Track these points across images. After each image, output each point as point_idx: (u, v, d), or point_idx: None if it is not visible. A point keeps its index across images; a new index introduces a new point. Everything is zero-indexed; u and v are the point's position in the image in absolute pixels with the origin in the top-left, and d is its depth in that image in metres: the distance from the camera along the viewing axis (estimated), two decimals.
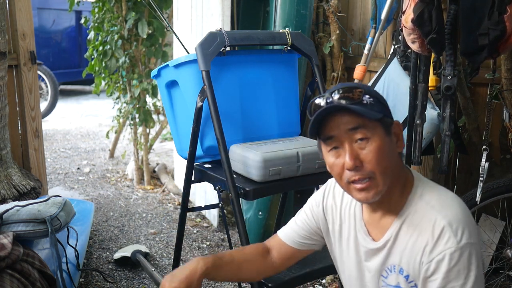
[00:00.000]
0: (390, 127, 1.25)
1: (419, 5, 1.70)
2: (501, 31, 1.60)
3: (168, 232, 3.32)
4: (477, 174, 1.99)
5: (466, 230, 1.17)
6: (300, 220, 1.51)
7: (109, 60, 3.91)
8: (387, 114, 1.25)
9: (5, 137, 2.78)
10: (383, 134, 1.22)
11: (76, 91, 9.28)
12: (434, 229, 1.18)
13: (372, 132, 1.20)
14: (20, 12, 3.01)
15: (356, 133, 1.20)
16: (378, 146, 1.20)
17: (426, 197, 1.24)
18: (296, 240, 1.50)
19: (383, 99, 1.27)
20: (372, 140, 1.20)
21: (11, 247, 1.81)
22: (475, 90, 2.53)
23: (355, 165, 1.20)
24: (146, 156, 4.17)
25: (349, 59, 3.06)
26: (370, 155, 1.20)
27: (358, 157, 1.20)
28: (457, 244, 1.16)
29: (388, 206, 1.28)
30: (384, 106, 1.25)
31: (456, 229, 1.17)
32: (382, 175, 1.21)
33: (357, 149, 1.21)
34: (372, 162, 1.20)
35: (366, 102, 1.21)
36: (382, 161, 1.21)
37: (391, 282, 1.29)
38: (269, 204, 2.91)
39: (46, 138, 5.56)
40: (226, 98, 2.00)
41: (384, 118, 1.23)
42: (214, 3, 3.01)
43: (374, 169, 1.20)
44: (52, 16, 7.90)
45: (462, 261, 1.15)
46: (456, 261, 1.15)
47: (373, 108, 1.21)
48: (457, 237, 1.16)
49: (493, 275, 2.48)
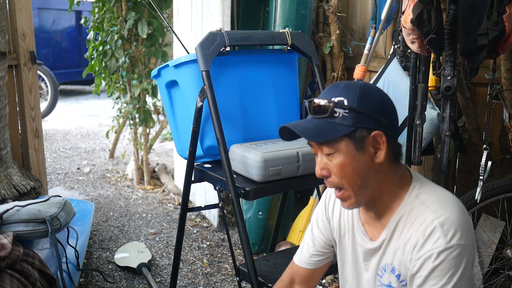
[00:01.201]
0: (365, 139, 1.21)
1: (418, 6, 1.70)
2: (500, 31, 1.60)
3: (168, 232, 3.32)
4: (477, 174, 1.99)
5: (458, 232, 1.17)
6: (310, 240, 1.52)
7: (109, 60, 3.91)
8: (362, 125, 1.20)
9: (5, 137, 2.78)
10: (350, 149, 1.21)
11: (76, 91, 9.28)
12: (426, 228, 1.20)
13: (336, 148, 1.22)
14: (20, 12, 3.01)
15: (323, 147, 1.24)
16: (340, 162, 1.22)
17: (422, 196, 1.25)
18: (310, 261, 1.52)
19: (370, 106, 1.21)
20: (336, 155, 1.23)
21: (11, 247, 1.80)
22: (475, 90, 2.53)
23: (321, 175, 1.26)
24: (146, 156, 4.17)
25: (349, 59, 3.06)
26: (334, 169, 1.24)
27: (326, 167, 1.25)
28: (445, 244, 1.16)
29: (382, 206, 1.29)
30: (363, 114, 1.20)
31: (448, 230, 1.17)
32: (350, 187, 1.24)
33: (327, 161, 1.25)
34: (337, 175, 1.24)
35: (338, 114, 1.21)
36: (348, 175, 1.23)
37: (385, 281, 1.30)
38: (269, 204, 2.91)
39: (46, 138, 5.56)
40: (226, 98, 2.00)
41: (355, 131, 1.20)
42: (214, 3, 3.01)
43: (341, 181, 1.24)
44: (52, 16, 7.90)
45: (449, 261, 1.16)
46: (442, 260, 1.16)
47: (343, 121, 1.20)
48: (447, 237, 1.17)
49: (493, 275, 2.48)
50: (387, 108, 1.25)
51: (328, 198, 1.48)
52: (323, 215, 1.48)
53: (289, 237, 2.92)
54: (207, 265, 2.88)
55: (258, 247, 3.00)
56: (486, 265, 2.47)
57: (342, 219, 1.42)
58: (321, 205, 1.50)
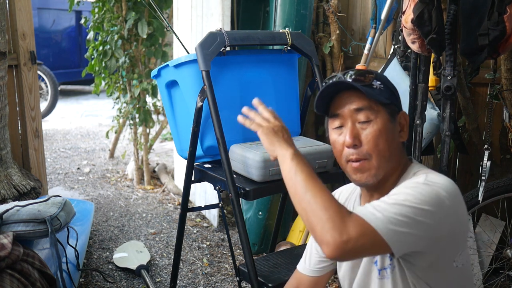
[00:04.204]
0: (396, 115, 1.28)
1: (419, 6, 1.70)
2: (501, 31, 1.60)
3: (168, 232, 3.32)
4: (477, 174, 1.99)
5: (443, 185, 1.15)
6: (314, 247, 1.51)
7: (109, 60, 3.91)
8: (395, 103, 1.28)
9: (5, 137, 2.78)
10: (387, 119, 1.25)
11: (76, 91, 9.28)
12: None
13: (376, 115, 1.24)
14: (20, 12, 3.01)
15: (360, 114, 1.24)
16: (379, 129, 1.23)
17: (416, 174, 1.25)
18: (315, 268, 1.51)
19: (394, 89, 1.30)
20: (374, 123, 1.23)
21: (11, 247, 1.80)
22: (475, 90, 2.53)
23: (353, 143, 1.23)
24: (146, 156, 4.17)
25: (349, 59, 3.06)
26: (369, 136, 1.23)
27: (358, 137, 1.24)
28: (425, 179, 1.16)
29: (383, 190, 1.28)
30: (393, 94, 1.28)
31: (432, 178, 1.17)
32: (378, 158, 1.23)
33: (359, 129, 1.24)
34: (370, 144, 1.23)
35: (376, 86, 1.25)
36: (381, 144, 1.23)
37: (380, 266, 1.29)
38: (269, 204, 2.91)
39: (46, 138, 5.56)
40: (226, 98, 2.00)
41: (390, 105, 1.26)
42: (214, 3, 3.01)
43: (371, 150, 1.23)
44: (52, 16, 7.90)
45: (419, 186, 1.13)
46: (414, 184, 1.15)
47: (381, 94, 1.24)
48: (428, 178, 1.16)
49: (493, 275, 2.48)
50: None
51: None
52: None
53: (289, 237, 2.92)
54: (207, 265, 2.88)
55: (258, 247, 3.00)
56: (486, 265, 2.46)
57: None
58: None
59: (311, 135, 3.15)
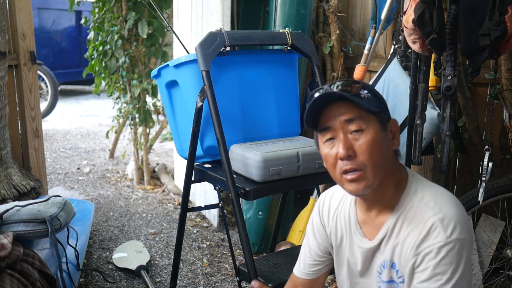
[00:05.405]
0: (386, 124, 1.28)
1: (420, 6, 1.70)
2: (502, 31, 1.60)
3: (168, 232, 3.32)
4: (477, 174, 1.99)
5: (457, 226, 1.18)
6: (307, 250, 1.52)
7: (109, 60, 3.91)
8: (384, 111, 1.27)
9: (5, 137, 2.78)
10: (378, 128, 1.24)
11: (76, 91, 9.28)
12: (425, 224, 1.20)
13: (367, 124, 1.23)
14: (20, 12, 3.01)
15: (352, 124, 1.23)
16: (371, 139, 1.22)
17: (420, 194, 1.26)
18: (309, 271, 1.52)
19: (381, 97, 1.29)
20: (367, 132, 1.22)
21: (11, 247, 1.80)
22: (475, 90, 2.53)
23: (347, 154, 1.22)
24: (146, 156, 4.17)
25: (349, 59, 3.06)
26: (363, 146, 1.22)
27: (351, 148, 1.22)
28: (446, 239, 1.17)
29: (382, 203, 1.29)
30: (381, 102, 1.27)
31: (447, 225, 1.18)
32: (373, 168, 1.22)
33: (351, 140, 1.23)
34: (365, 154, 1.22)
35: (364, 96, 1.23)
36: (375, 154, 1.22)
37: (385, 278, 1.30)
38: (269, 204, 2.91)
39: (46, 138, 5.56)
40: (226, 98, 2.00)
41: (380, 113, 1.25)
42: (214, 3, 3.01)
43: (366, 161, 1.22)
44: (52, 16, 7.90)
45: (451, 255, 1.16)
46: (444, 255, 1.16)
47: (370, 102, 1.23)
48: (447, 232, 1.17)
49: (493, 275, 2.48)
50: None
51: (322, 205, 1.48)
52: (318, 223, 1.48)
53: (289, 237, 2.92)
54: (207, 265, 2.88)
55: (258, 247, 2.99)
56: (486, 265, 2.46)
57: (338, 223, 1.42)
58: (316, 214, 1.50)
59: (311, 135, 3.15)
